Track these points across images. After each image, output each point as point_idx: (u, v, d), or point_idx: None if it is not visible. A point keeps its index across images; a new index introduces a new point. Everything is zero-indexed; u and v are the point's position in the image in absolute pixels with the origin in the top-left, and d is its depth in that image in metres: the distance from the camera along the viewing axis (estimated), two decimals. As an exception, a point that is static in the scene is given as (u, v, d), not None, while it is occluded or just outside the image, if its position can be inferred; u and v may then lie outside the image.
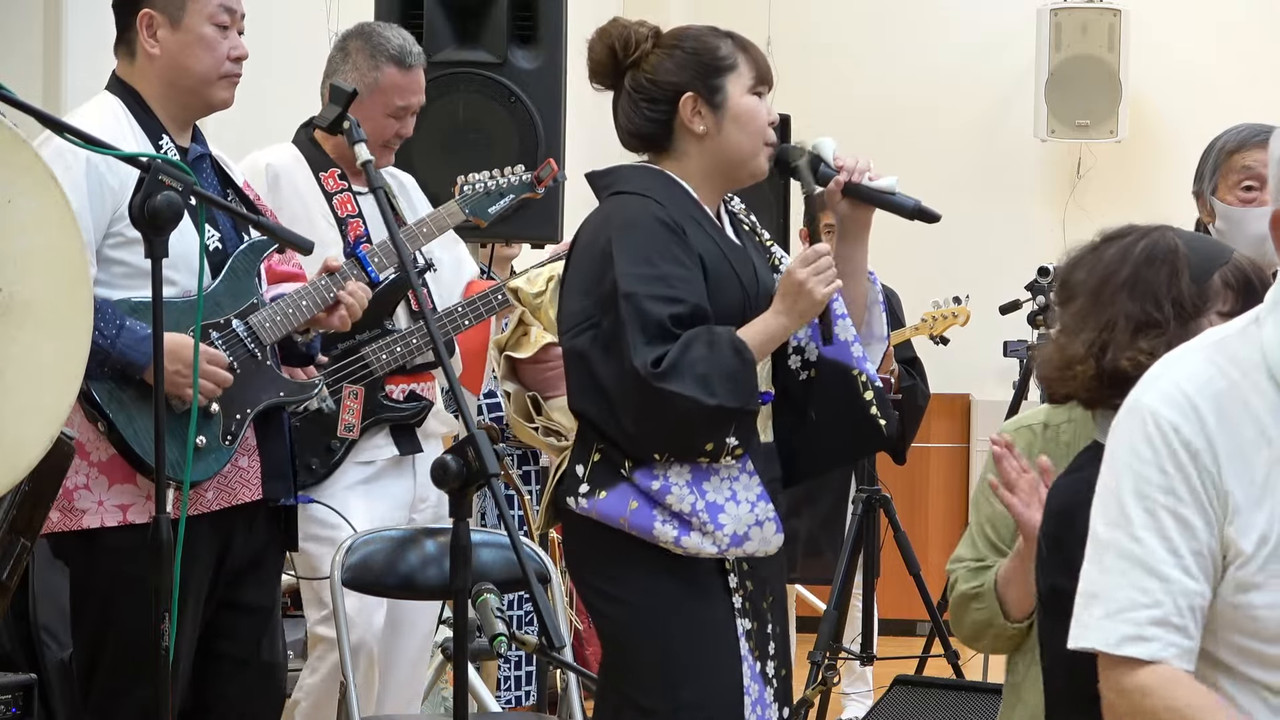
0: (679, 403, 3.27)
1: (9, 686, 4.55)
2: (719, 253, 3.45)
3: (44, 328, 3.09)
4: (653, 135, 3.51)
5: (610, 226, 3.42)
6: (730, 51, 3.50)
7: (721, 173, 3.52)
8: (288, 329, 3.89)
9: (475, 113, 5.34)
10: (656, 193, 3.45)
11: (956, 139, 9.55)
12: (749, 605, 3.44)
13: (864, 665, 6.71)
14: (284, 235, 3.60)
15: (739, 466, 3.39)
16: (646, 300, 3.30)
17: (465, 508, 2.82)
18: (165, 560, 3.20)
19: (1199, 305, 2.65)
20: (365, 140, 3.45)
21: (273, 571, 4.00)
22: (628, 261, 3.34)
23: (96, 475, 3.73)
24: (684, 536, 3.35)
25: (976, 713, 4.67)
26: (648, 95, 3.49)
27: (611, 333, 3.32)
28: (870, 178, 3.59)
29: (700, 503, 3.36)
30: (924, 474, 9.12)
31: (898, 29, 9.66)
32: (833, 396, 3.56)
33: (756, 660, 3.44)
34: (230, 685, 3.90)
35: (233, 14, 3.89)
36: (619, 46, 3.51)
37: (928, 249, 9.25)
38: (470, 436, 2.81)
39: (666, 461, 3.35)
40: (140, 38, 3.87)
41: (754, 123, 3.49)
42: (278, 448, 3.92)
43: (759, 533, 3.42)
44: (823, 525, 6.96)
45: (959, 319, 6.91)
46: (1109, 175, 9.44)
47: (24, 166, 3.08)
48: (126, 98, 3.87)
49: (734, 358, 3.32)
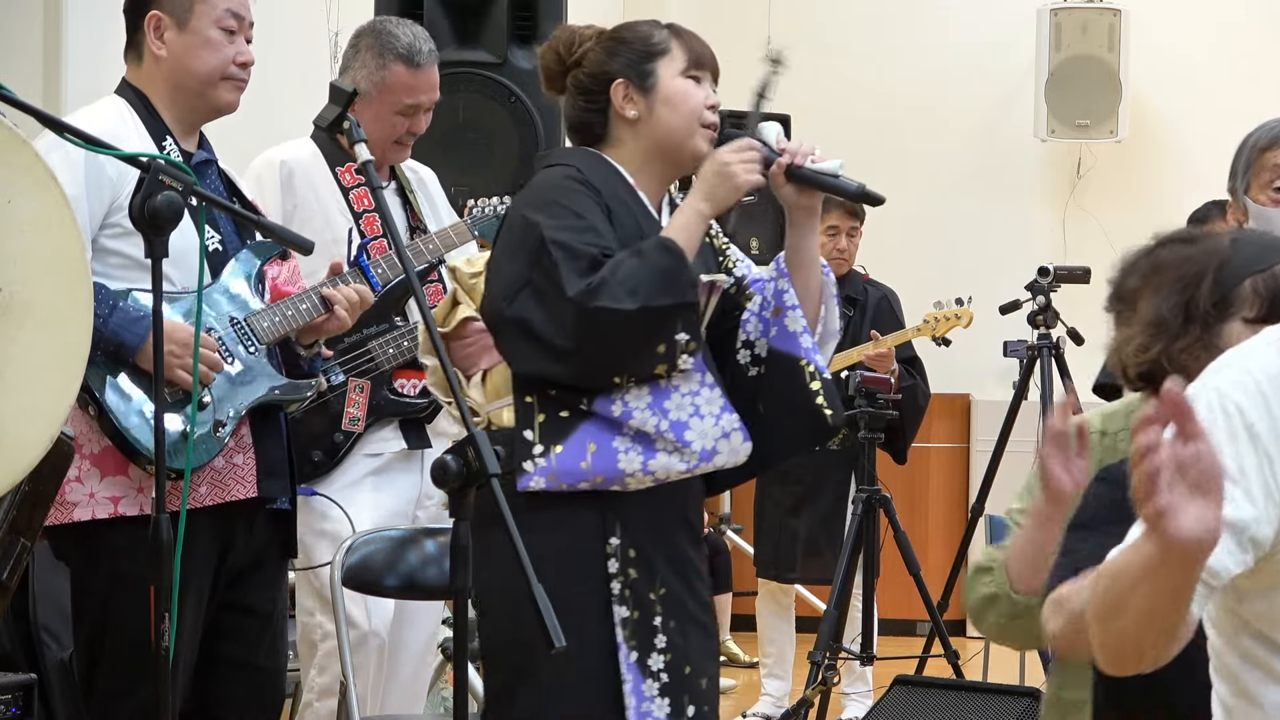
0: (613, 316, 3.26)
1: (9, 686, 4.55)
2: (639, 232, 3.44)
3: (44, 328, 3.09)
4: (589, 125, 3.54)
5: (530, 194, 3.46)
6: (664, 38, 3.54)
7: (659, 157, 3.52)
8: (285, 330, 3.90)
9: (475, 113, 5.34)
10: (582, 164, 3.48)
11: (956, 139, 9.56)
12: (629, 593, 3.38)
13: (864, 665, 6.71)
14: (285, 236, 3.61)
15: (699, 379, 3.38)
16: (576, 242, 3.32)
17: (465, 508, 2.82)
18: (165, 559, 3.20)
19: (1217, 311, 2.65)
20: (365, 140, 3.46)
21: (275, 574, 4.01)
22: (550, 215, 3.36)
23: (89, 468, 3.73)
24: (650, 459, 3.33)
25: (976, 713, 4.68)
26: (583, 89, 3.53)
27: (543, 282, 3.32)
28: (813, 160, 3.55)
29: (664, 423, 3.34)
30: (924, 474, 9.12)
31: (898, 29, 9.66)
32: (780, 390, 3.54)
33: (633, 650, 3.37)
34: (230, 688, 3.91)
35: (240, 20, 3.92)
36: (563, 50, 3.56)
37: (927, 249, 9.26)
38: (470, 436, 2.81)
39: (625, 385, 3.33)
40: (148, 39, 3.90)
41: (686, 103, 3.50)
42: (274, 446, 3.92)
43: (726, 444, 3.40)
44: (822, 525, 6.96)
45: (962, 321, 6.91)
46: (1109, 175, 9.44)
47: (24, 166, 3.09)
48: (134, 100, 3.90)
49: (663, 255, 3.32)
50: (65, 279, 3.14)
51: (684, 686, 3.42)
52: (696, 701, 3.44)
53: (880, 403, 6.01)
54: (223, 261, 3.88)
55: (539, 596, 2.77)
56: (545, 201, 3.41)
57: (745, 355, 3.59)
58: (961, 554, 7.01)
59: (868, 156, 9.45)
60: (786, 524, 7.08)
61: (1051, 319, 6.73)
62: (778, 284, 3.56)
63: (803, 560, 7.02)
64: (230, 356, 3.83)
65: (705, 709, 3.46)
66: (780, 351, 3.54)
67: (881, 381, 6.11)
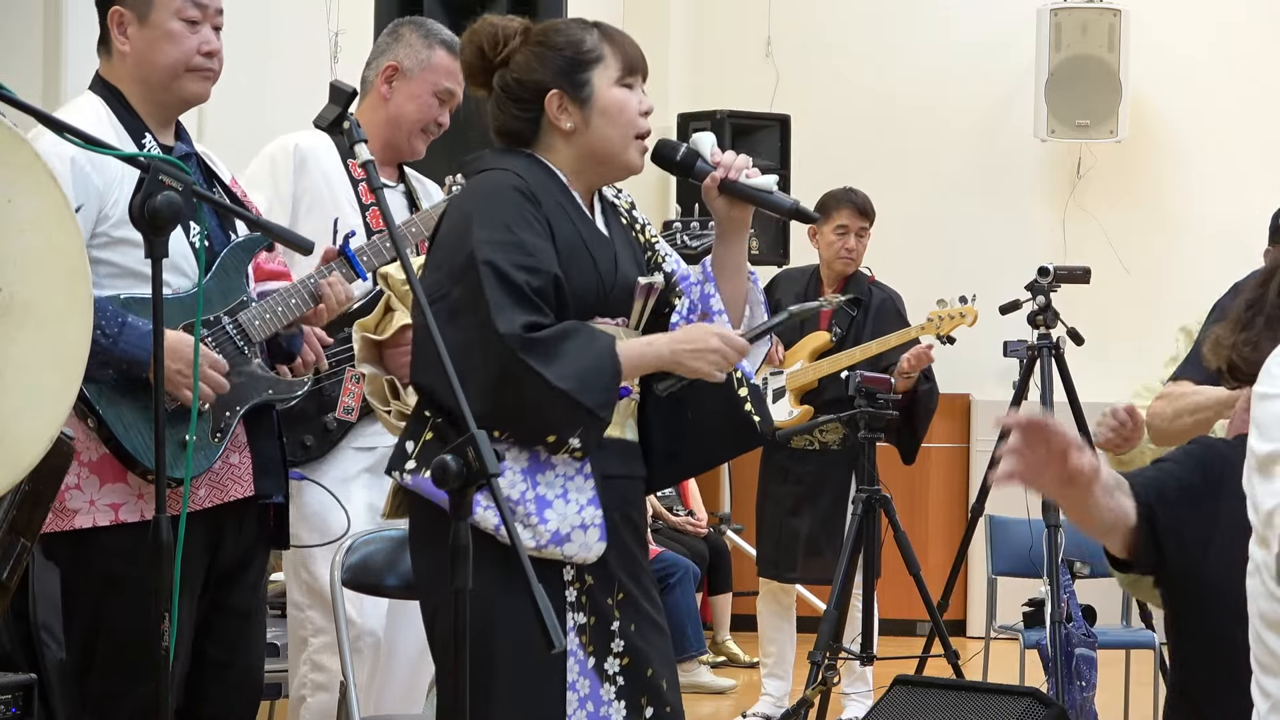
0: (536, 382, 3.19)
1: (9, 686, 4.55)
2: (577, 237, 3.37)
3: (44, 328, 3.09)
4: (520, 132, 3.44)
5: (464, 199, 3.37)
6: (595, 44, 3.42)
7: (591, 167, 3.45)
8: (277, 326, 3.90)
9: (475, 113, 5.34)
10: (518, 168, 3.39)
11: (956, 139, 9.56)
12: (585, 599, 3.34)
13: (864, 665, 6.71)
14: (283, 234, 3.61)
15: (576, 467, 3.31)
16: (507, 266, 3.23)
17: (465, 508, 2.82)
18: (166, 560, 3.20)
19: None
20: (365, 140, 3.46)
21: (259, 573, 4.01)
22: (483, 228, 3.27)
23: (88, 475, 3.72)
24: (503, 525, 3.19)
25: (976, 713, 4.67)
26: (514, 95, 3.43)
27: (462, 300, 3.25)
28: (747, 175, 3.47)
29: (530, 493, 3.28)
30: (924, 474, 9.13)
31: (898, 29, 9.67)
32: (708, 395, 3.47)
33: (590, 655, 3.33)
34: (211, 686, 3.91)
35: (203, 9, 3.88)
36: (487, 46, 3.44)
37: (927, 249, 9.26)
38: (470, 436, 2.81)
39: (505, 442, 3.27)
40: (112, 35, 3.88)
41: (623, 115, 3.41)
42: (268, 444, 3.92)
43: (581, 536, 3.31)
44: (823, 525, 6.96)
45: (966, 319, 6.91)
46: (1109, 175, 9.44)
47: (24, 166, 3.08)
48: (109, 97, 3.88)
49: (607, 361, 3.25)
50: (65, 278, 3.14)
51: (643, 689, 3.39)
52: (656, 703, 3.40)
53: (880, 403, 6.01)
54: (211, 258, 3.86)
55: (539, 597, 2.77)
56: (484, 214, 3.31)
57: None
58: (961, 554, 7.01)
59: (868, 156, 9.48)
60: (787, 524, 7.08)
61: (1051, 319, 6.73)
62: (704, 288, 3.50)
63: (803, 560, 7.02)
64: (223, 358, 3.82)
65: (667, 710, 3.41)
66: None
67: (881, 381, 6.11)
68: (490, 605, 3.25)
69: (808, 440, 7.01)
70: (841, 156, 9.02)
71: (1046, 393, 6.72)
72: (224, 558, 3.88)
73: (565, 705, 3.30)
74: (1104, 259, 8.92)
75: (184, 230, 3.69)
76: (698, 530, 8.70)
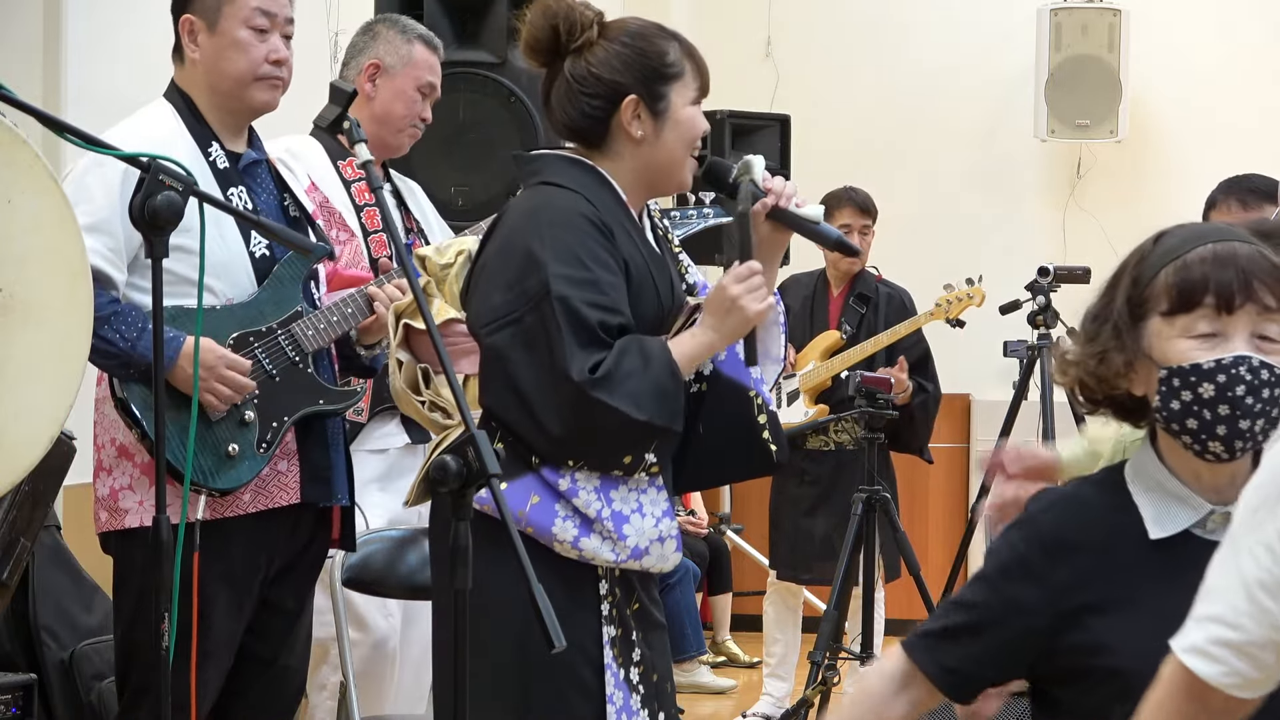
0: (610, 415, 3.18)
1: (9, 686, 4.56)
2: (642, 260, 3.36)
3: (44, 328, 3.09)
4: (589, 131, 3.39)
5: (538, 221, 3.30)
6: (678, 58, 3.38)
7: (649, 180, 3.42)
8: (330, 337, 3.92)
9: (475, 113, 5.34)
10: (588, 190, 3.35)
11: (956, 139, 9.56)
12: (615, 612, 3.35)
13: (864, 665, 6.71)
14: (285, 236, 3.61)
15: (649, 480, 3.31)
16: (579, 304, 3.20)
17: (465, 508, 2.82)
18: (165, 560, 3.21)
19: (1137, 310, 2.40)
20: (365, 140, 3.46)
21: (309, 575, 4.03)
22: (558, 261, 3.23)
23: (139, 476, 3.78)
24: (584, 538, 3.26)
25: (976, 713, 4.67)
26: (589, 89, 3.36)
27: (537, 333, 3.22)
28: (797, 204, 3.46)
29: (606, 510, 3.27)
30: (924, 474, 9.12)
31: (898, 29, 9.66)
32: (724, 414, 3.46)
33: (621, 667, 3.34)
34: (251, 685, 3.94)
35: (272, 18, 3.92)
36: (563, 27, 3.37)
37: (927, 249, 9.25)
38: (470, 436, 2.81)
39: (578, 464, 3.27)
40: (184, 42, 3.93)
41: (692, 134, 3.39)
42: (319, 453, 3.93)
43: (659, 549, 3.32)
44: (838, 527, 6.96)
45: (974, 300, 6.91)
46: (1109, 175, 9.45)
47: (24, 166, 3.09)
48: (180, 104, 3.93)
49: (666, 374, 3.23)
50: (65, 279, 3.15)
51: (655, 694, 3.41)
52: (666, 708, 3.43)
53: (880, 403, 6.01)
54: (268, 268, 3.88)
55: (539, 597, 2.77)
56: (557, 244, 3.26)
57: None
58: (961, 554, 7.01)
59: (868, 156, 9.49)
60: (802, 524, 7.08)
61: (1051, 319, 6.73)
62: None
63: (818, 561, 7.01)
64: (274, 370, 3.84)
65: (671, 712, 3.44)
66: (728, 378, 3.47)
67: (881, 381, 6.11)
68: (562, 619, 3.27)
69: (823, 441, 7.03)
70: (841, 156, 9.01)
71: (1046, 393, 6.73)
72: (278, 560, 3.91)
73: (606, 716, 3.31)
74: (1104, 259, 8.85)
75: (244, 240, 3.72)
76: (698, 530, 8.70)
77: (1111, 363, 2.40)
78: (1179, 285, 2.35)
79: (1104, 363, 2.40)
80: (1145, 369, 2.38)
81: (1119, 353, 2.39)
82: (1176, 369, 2.33)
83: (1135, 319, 2.39)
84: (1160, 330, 2.36)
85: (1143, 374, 2.38)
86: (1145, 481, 2.40)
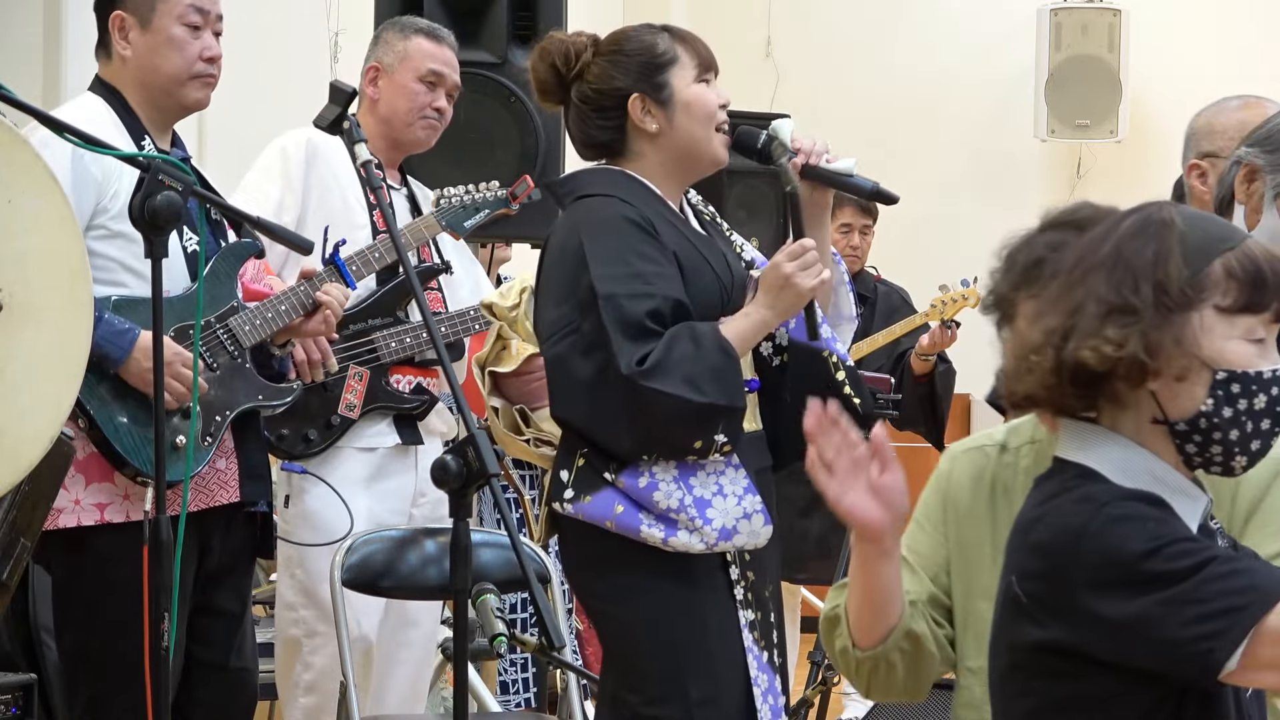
0: (666, 402, 3.26)
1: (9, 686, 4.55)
2: (690, 246, 3.44)
3: (44, 327, 3.09)
4: (608, 142, 3.51)
5: (581, 230, 3.41)
6: (668, 46, 3.51)
7: (681, 166, 3.51)
8: (267, 332, 3.89)
9: (475, 113, 5.33)
10: (621, 191, 3.45)
11: (956, 139, 9.55)
12: (751, 596, 3.44)
13: (863, 665, 6.70)
14: (283, 235, 3.61)
15: (724, 461, 3.38)
16: (625, 300, 3.30)
17: (465, 508, 2.82)
18: (165, 560, 3.20)
19: (1190, 295, 2.08)
20: (365, 140, 3.46)
21: (245, 576, 4.02)
22: (602, 263, 3.34)
23: (73, 474, 3.70)
24: (671, 536, 3.35)
25: (976, 713, 4.66)
26: (596, 105, 3.50)
27: (593, 335, 3.32)
28: (828, 159, 3.56)
29: (688, 498, 3.34)
30: (923, 474, 9.11)
31: (898, 29, 9.66)
32: (806, 378, 3.53)
33: (763, 650, 3.43)
34: (203, 690, 3.91)
35: (205, 14, 3.87)
36: (560, 62, 3.51)
37: (927, 249, 9.25)
38: (470, 436, 2.81)
39: (653, 458, 3.35)
40: (113, 39, 3.87)
41: (704, 109, 3.49)
42: (254, 450, 3.92)
43: (747, 525, 3.40)
44: (834, 527, 6.95)
45: (969, 301, 6.92)
46: (1109, 175, 9.44)
47: (24, 166, 3.08)
48: (110, 98, 3.88)
49: (719, 354, 3.31)
50: (66, 279, 3.14)
51: (787, 680, 3.52)
52: (787, 692, 3.53)
53: (880, 402, 6.01)
54: (197, 264, 3.84)
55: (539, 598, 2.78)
56: (600, 247, 3.37)
57: (767, 346, 3.60)
58: (961, 554, 6.99)
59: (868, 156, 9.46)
60: (798, 524, 7.07)
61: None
62: None
63: (814, 561, 7.01)
64: (214, 364, 3.82)
65: None
66: (802, 345, 3.55)
67: (881, 381, 6.12)
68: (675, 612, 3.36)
69: (821, 441, 7.03)
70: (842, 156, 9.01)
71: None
72: (211, 562, 3.88)
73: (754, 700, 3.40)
74: (1104, 259, 8.91)
75: (178, 235, 3.69)
76: (698, 530, 8.70)
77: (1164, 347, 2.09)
78: (1253, 282, 2.10)
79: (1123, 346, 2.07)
80: (1181, 366, 2.10)
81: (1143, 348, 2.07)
82: (1240, 374, 2.10)
83: (1180, 307, 2.09)
84: (1215, 326, 2.10)
85: (1174, 370, 2.10)
86: (1143, 480, 2.15)
